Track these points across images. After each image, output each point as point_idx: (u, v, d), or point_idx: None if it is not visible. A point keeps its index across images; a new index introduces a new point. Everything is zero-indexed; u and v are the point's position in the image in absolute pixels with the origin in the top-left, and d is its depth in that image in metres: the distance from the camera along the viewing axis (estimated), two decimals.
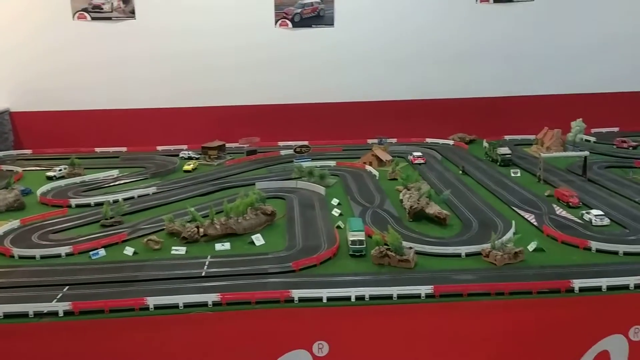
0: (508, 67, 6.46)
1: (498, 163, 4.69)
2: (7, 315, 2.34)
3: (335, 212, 3.61)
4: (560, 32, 6.39)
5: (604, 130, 5.77)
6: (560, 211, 3.37)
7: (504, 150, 4.79)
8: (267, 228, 3.33)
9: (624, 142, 5.04)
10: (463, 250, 2.85)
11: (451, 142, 5.72)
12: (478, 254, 2.82)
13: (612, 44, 6.46)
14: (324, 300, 2.44)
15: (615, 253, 2.72)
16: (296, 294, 2.43)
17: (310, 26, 6.10)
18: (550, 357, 2.46)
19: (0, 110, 5.85)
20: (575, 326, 2.44)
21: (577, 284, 2.37)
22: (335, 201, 3.81)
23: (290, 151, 5.19)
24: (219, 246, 3.04)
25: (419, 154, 5.09)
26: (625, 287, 2.39)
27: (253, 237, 3.12)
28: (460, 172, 4.47)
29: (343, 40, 6.23)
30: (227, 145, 5.38)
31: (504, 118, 6.53)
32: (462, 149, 5.46)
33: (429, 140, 5.82)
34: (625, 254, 2.70)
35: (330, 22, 6.12)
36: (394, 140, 5.80)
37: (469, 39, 6.29)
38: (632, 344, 2.44)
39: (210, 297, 2.41)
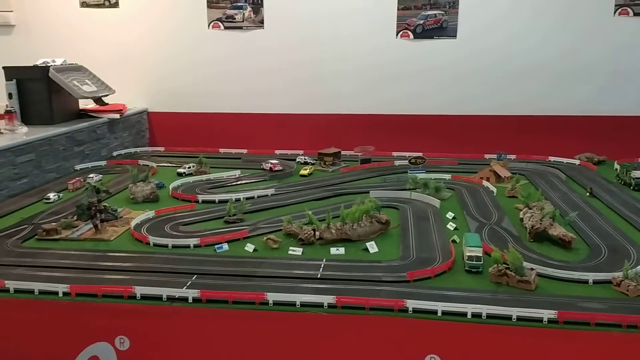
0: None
1: (632, 187, 4.34)
2: (144, 297, 2.58)
3: (451, 225, 3.54)
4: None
5: None
6: None
7: (639, 173, 4.43)
8: (380, 236, 3.35)
9: None
10: (591, 276, 2.67)
11: (577, 162, 5.38)
12: (608, 282, 2.63)
13: None
14: (439, 314, 2.40)
15: None
16: (411, 304, 2.41)
17: (432, 37, 6.06)
18: None
19: (140, 110, 6.41)
20: None
21: None
22: (450, 215, 3.73)
23: (405, 162, 5.18)
24: (333, 250, 3.11)
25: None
26: None
27: (367, 244, 3.15)
28: (588, 194, 4.20)
29: (465, 52, 6.10)
30: (343, 152, 5.49)
31: (639, 139, 6.04)
32: (589, 169, 5.12)
33: (552, 158, 5.53)
34: None
35: (453, 34, 6.03)
36: (514, 156, 5.57)
37: (601, 51, 5.90)
38: None
39: (327, 299, 2.46)
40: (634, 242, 3.03)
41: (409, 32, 5.97)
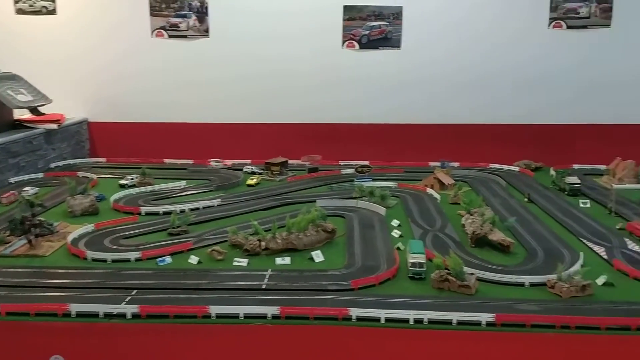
0: (578, 94, 6.25)
1: (566, 192, 4.53)
2: (79, 314, 2.48)
3: (396, 233, 3.58)
4: (637, 60, 6.15)
5: None
6: (632, 245, 3.22)
7: (573, 179, 4.63)
8: (326, 245, 3.35)
9: None
10: (527, 279, 2.76)
11: (516, 169, 5.58)
12: (543, 284, 2.72)
13: None
14: (382, 321, 2.41)
15: None
16: (354, 312, 2.42)
17: (377, 48, 6.16)
18: None
19: (80, 120, 6.21)
20: None
21: None
22: (395, 222, 3.78)
23: (351, 170, 5.23)
24: (279, 260, 3.09)
25: None
26: None
27: (313, 253, 3.14)
28: (526, 199, 4.35)
29: (409, 63, 6.22)
30: (290, 162, 5.48)
31: (572, 146, 6.31)
32: (527, 176, 5.31)
33: (492, 165, 5.71)
34: None
35: (397, 45, 6.15)
36: (457, 164, 5.72)
37: (538, 64, 6.16)
38: None
39: (271, 310, 2.44)
40: (568, 245, 3.16)
41: (355, 43, 6.04)
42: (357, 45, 6.08)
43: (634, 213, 3.79)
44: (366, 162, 5.41)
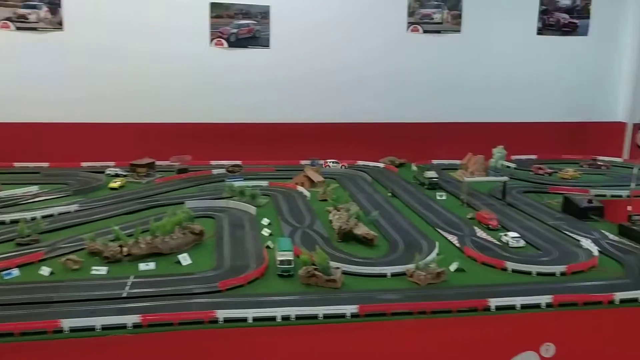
0: (437, 95, 6.74)
1: (425, 186, 4.85)
2: None
3: (265, 232, 3.60)
4: (484, 63, 6.75)
5: (523, 157, 6.10)
6: (480, 233, 3.52)
7: (431, 174, 4.96)
8: (195, 247, 3.27)
9: (541, 169, 5.35)
10: (389, 270, 2.91)
11: (381, 165, 5.86)
12: (403, 274, 2.89)
13: (532, 78, 6.90)
14: (250, 321, 2.41)
15: (529, 273, 2.87)
16: (221, 314, 2.39)
17: (246, 47, 6.12)
18: None
19: None
20: (491, 343, 2.54)
21: (493, 302, 2.48)
22: (265, 221, 3.80)
23: (223, 170, 5.14)
24: (143, 266, 2.95)
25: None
26: (537, 306, 2.52)
27: (179, 256, 3.04)
28: (389, 194, 4.58)
29: (278, 61, 6.28)
30: (158, 163, 5.26)
31: (432, 143, 6.78)
32: (391, 172, 5.61)
33: (360, 162, 5.94)
34: (538, 274, 2.85)
35: (266, 44, 6.17)
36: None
37: (399, 66, 6.53)
38: None
39: (131, 319, 2.32)
40: (426, 236, 3.36)
41: (223, 41, 5.96)
42: (225, 44, 6.00)
43: (483, 203, 4.13)
44: (238, 162, 5.36)
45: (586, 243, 3.19)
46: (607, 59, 7.01)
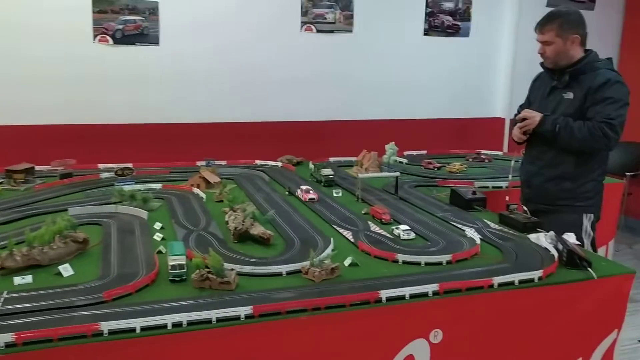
0: (332, 93, 6.85)
1: (322, 184, 4.91)
2: None
3: (158, 236, 3.45)
4: (376, 62, 6.97)
5: (414, 152, 6.37)
6: (374, 227, 3.61)
7: (327, 171, 5.03)
8: (78, 257, 3.06)
9: (430, 163, 5.61)
10: (284, 269, 2.90)
11: (279, 164, 5.86)
12: (298, 271, 2.89)
13: (421, 77, 7.23)
14: (138, 331, 2.29)
15: (418, 264, 2.98)
16: (105, 326, 2.24)
17: (134, 44, 5.87)
18: None
19: None
20: (384, 334, 2.61)
21: (384, 294, 2.54)
22: (158, 225, 3.64)
23: (111, 174, 4.88)
24: (18, 280, 2.70)
25: (307, 187, 4.42)
26: (425, 295, 2.63)
27: (60, 267, 2.83)
28: (287, 193, 4.59)
29: (169, 60, 6.08)
30: (38, 168, 4.88)
31: (329, 141, 6.89)
32: (289, 170, 5.62)
33: (258, 162, 5.91)
34: (426, 264, 2.96)
35: (155, 41, 5.94)
36: (224, 162, 5.77)
37: (294, 65, 6.59)
38: (433, 346, 2.68)
39: (3, 339, 2.11)
40: (322, 232, 3.37)
41: (108, 37, 5.66)
42: (110, 40, 5.70)
43: (376, 199, 4.24)
44: (128, 165, 5.11)
45: (470, 232, 3.37)
46: (486, 59, 7.51)
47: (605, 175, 3.69)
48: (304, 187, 3.82)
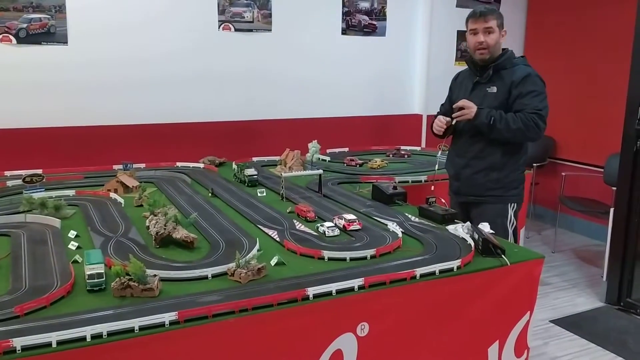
0: (252, 93, 6.81)
1: (246, 184, 4.87)
2: None
3: (73, 245, 3.27)
4: (295, 61, 7.00)
5: (336, 150, 6.46)
6: (299, 226, 3.62)
7: (251, 171, 4.99)
8: None
9: (352, 160, 5.71)
10: (209, 272, 2.85)
11: (201, 165, 5.74)
12: (224, 274, 2.85)
13: (341, 75, 7.33)
14: (54, 345, 2.16)
15: (344, 259, 3.02)
16: (18, 342, 2.10)
17: (40, 43, 5.54)
18: None
19: None
20: (313, 330, 2.62)
21: (311, 291, 2.55)
22: (72, 233, 3.46)
23: (19, 181, 4.58)
24: None
25: (352, 217, 3.56)
26: (351, 290, 2.67)
27: None
28: (210, 194, 4.51)
29: (80, 60, 5.78)
30: None
31: (252, 140, 6.86)
32: (212, 171, 5.52)
33: (179, 164, 5.76)
34: (351, 259, 3.01)
35: (63, 40, 5.63)
36: (142, 165, 5.57)
37: (212, 64, 6.48)
38: (360, 339, 2.73)
39: None
40: (247, 233, 3.35)
41: (11, 37, 5.31)
42: (14, 40, 5.36)
43: (301, 197, 4.26)
44: (38, 171, 4.82)
45: (392, 226, 3.46)
46: (403, 57, 7.73)
47: (525, 166, 3.86)
48: (347, 217, 3.56)
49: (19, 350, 2.13)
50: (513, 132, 3.28)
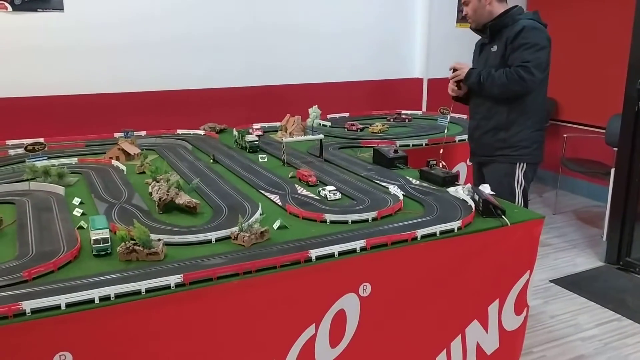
0: (252, 58, 6.76)
1: (247, 150, 4.88)
2: None
3: (78, 212, 3.31)
4: (294, 26, 6.92)
5: (337, 115, 6.43)
6: (301, 190, 3.64)
7: (252, 137, 4.99)
8: None
9: (353, 125, 5.70)
10: (213, 236, 2.88)
11: (202, 132, 5.74)
12: (228, 237, 2.89)
13: (341, 39, 7.25)
14: (63, 308, 2.21)
15: (346, 222, 3.05)
16: (28, 305, 2.15)
17: (35, 10, 5.46)
18: (294, 324, 2.64)
19: None
20: (316, 292, 2.67)
21: (313, 253, 2.59)
22: (77, 200, 3.49)
23: (21, 150, 4.59)
24: None
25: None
26: (353, 251, 2.71)
27: None
28: (211, 160, 4.52)
29: (77, 27, 5.72)
30: None
31: (251, 107, 6.83)
32: (213, 138, 5.52)
33: (180, 131, 5.75)
34: (353, 222, 3.04)
35: (59, 7, 5.56)
36: (143, 133, 5.57)
37: (218, 30, 6.41)
38: (362, 300, 2.78)
39: None
40: (249, 198, 3.37)
41: (6, 4, 5.24)
42: (9, 7, 5.29)
43: (302, 162, 4.27)
44: (40, 139, 4.83)
45: (393, 189, 3.48)
46: (404, 20, 7.63)
47: (541, 125, 3.78)
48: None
49: (28, 313, 2.17)
50: (499, 88, 3.35)
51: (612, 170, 5.37)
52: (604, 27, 7.08)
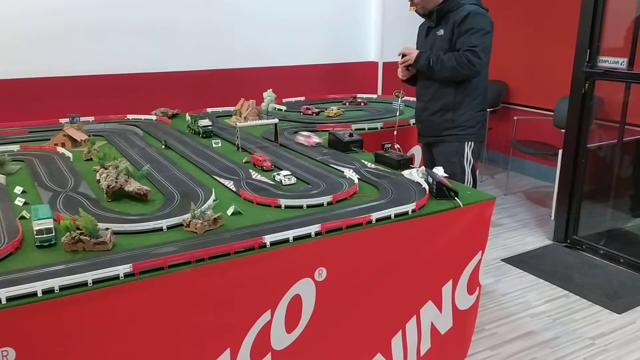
0: (203, 41, 6.60)
1: (200, 135, 4.77)
2: None
3: (20, 201, 3.16)
4: (246, 6, 6.79)
5: (292, 99, 6.37)
6: (255, 175, 3.59)
7: (205, 122, 4.88)
8: None
9: (308, 109, 5.65)
10: (164, 223, 2.80)
11: (154, 118, 5.57)
12: (180, 225, 2.81)
13: (296, 22, 7.16)
14: (4, 302, 2.10)
15: (301, 207, 3.02)
16: None
17: None
18: (249, 311, 2.60)
19: None
20: (271, 277, 2.64)
21: (268, 239, 2.55)
22: (19, 189, 3.33)
23: None
24: None
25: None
26: (308, 236, 2.68)
27: None
28: (163, 146, 4.40)
29: (21, 9, 5.43)
30: None
31: (206, 91, 6.68)
32: (165, 123, 5.37)
33: (130, 116, 5.57)
34: (308, 206, 3.01)
35: None
36: (91, 118, 5.36)
37: (167, 13, 6.21)
38: (318, 284, 2.77)
39: None
40: (202, 184, 3.30)
41: None
42: None
43: (257, 147, 4.21)
44: None
45: (348, 173, 3.47)
46: (359, 3, 7.59)
47: (485, 106, 3.95)
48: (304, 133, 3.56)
49: None
50: (449, 71, 3.46)
51: (560, 152, 5.53)
52: (552, 10, 7.24)
